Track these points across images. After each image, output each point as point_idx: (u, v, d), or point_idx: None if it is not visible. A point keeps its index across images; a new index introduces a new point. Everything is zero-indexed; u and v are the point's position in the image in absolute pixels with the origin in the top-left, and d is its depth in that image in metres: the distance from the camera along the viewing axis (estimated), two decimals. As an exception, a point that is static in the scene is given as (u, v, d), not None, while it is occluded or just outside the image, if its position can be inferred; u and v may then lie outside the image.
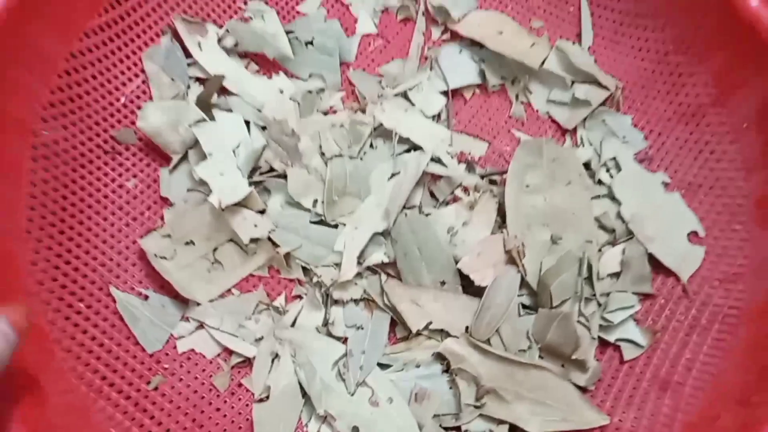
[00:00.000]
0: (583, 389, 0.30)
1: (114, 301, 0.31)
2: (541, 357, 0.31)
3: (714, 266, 0.32)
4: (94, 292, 0.31)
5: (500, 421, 0.30)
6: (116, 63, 0.35)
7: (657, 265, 0.33)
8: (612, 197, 0.35)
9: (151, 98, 0.36)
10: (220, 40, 0.38)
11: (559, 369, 0.31)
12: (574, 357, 0.30)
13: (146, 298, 0.31)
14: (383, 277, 0.32)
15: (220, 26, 0.38)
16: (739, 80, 0.33)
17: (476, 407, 0.30)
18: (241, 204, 0.32)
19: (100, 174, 0.34)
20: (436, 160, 0.35)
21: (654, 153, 0.37)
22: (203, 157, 0.33)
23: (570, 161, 0.35)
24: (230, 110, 0.35)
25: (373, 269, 0.33)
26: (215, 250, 0.33)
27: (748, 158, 0.33)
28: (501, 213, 0.34)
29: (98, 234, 0.32)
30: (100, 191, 0.33)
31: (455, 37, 0.40)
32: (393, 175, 0.34)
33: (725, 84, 0.34)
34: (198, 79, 0.37)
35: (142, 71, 0.36)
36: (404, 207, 0.33)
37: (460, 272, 0.32)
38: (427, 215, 0.34)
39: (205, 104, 0.34)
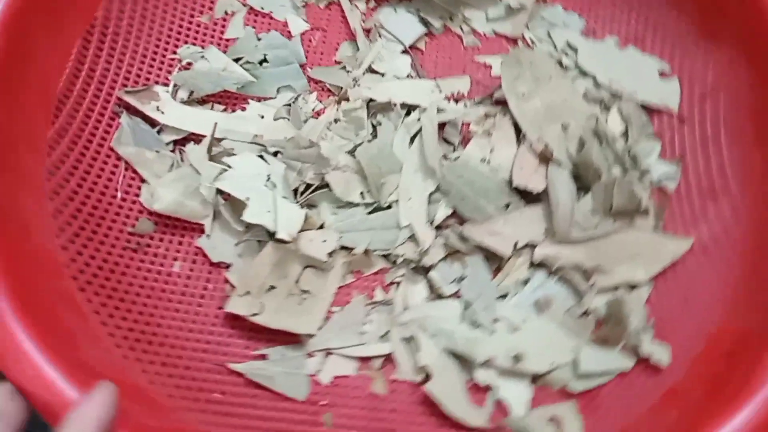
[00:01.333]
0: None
1: (240, 375, 0.29)
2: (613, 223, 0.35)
3: (691, 88, 0.38)
4: (216, 378, 0.29)
5: (615, 288, 0.33)
6: (92, 162, 0.33)
7: (648, 110, 0.38)
8: (583, 73, 0.39)
9: (143, 180, 0.34)
10: (174, 97, 0.36)
11: (631, 223, 0.35)
12: (642, 209, 0.34)
13: (264, 357, 0.30)
14: (456, 227, 0.34)
15: (166, 84, 0.37)
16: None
17: (591, 287, 0.33)
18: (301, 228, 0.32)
19: (144, 273, 0.32)
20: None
21: (593, 25, 0.41)
22: (241, 205, 0.32)
23: (542, 59, 0.38)
24: (232, 153, 0.34)
25: (442, 225, 0.34)
26: (297, 282, 0.32)
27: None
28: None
29: (181, 328, 0.31)
30: (154, 289, 0.31)
31: (381, 0, 0.42)
32: (412, 139, 0.35)
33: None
34: (175, 142, 0.35)
35: (119, 159, 0.34)
36: (436, 161, 0.35)
37: (515, 191, 0.34)
38: (456, 159, 0.36)
39: (213, 157, 0.33)
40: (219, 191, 0.33)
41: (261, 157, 0.34)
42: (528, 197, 0.35)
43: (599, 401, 0.30)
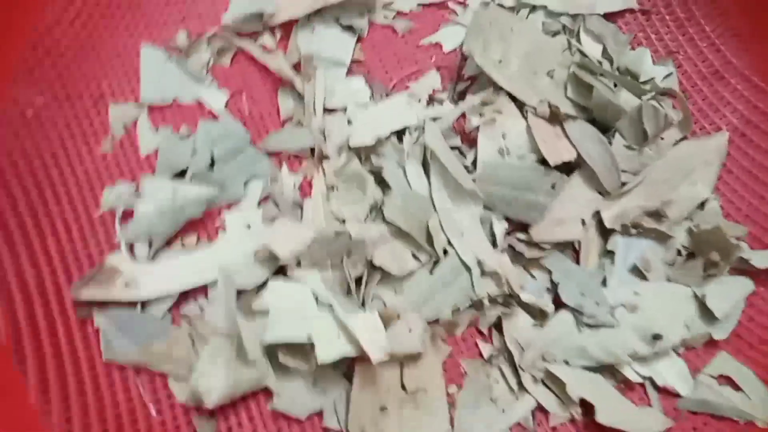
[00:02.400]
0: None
1: None
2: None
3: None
4: None
5: (689, 216, 0.31)
6: (97, 392, 0.25)
7: (612, 16, 0.35)
8: (533, 8, 0.36)
9: (165, 377, 0.27)
10: (134, 257, 0.29)
11: (661, 143, 0.33)
12: (669, 124, 0.32)
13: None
14: (517, 235, 0.30)
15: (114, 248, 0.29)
16: None
17: (669, 225, 0.31)
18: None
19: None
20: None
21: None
22: (304, 349, 0.26)
23: (496, 13, 0.33)
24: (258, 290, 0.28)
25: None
26: (402, 387, 0.28)
27: None
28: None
29: None
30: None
31: (284, 26, 0.34)
32: (425, 168, 0.31)
33: None
34: (185, 317, 0.28)
35: (123, 368, 0.27)
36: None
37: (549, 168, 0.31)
38: (474, 163, 0.31)
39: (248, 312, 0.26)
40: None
41: (283, 274, 0.28)
42: (564, 166, 0.32)
43: (745, 338, 0.29)
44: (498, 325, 0.29)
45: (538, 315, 0.30)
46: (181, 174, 0.30)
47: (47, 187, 0.28)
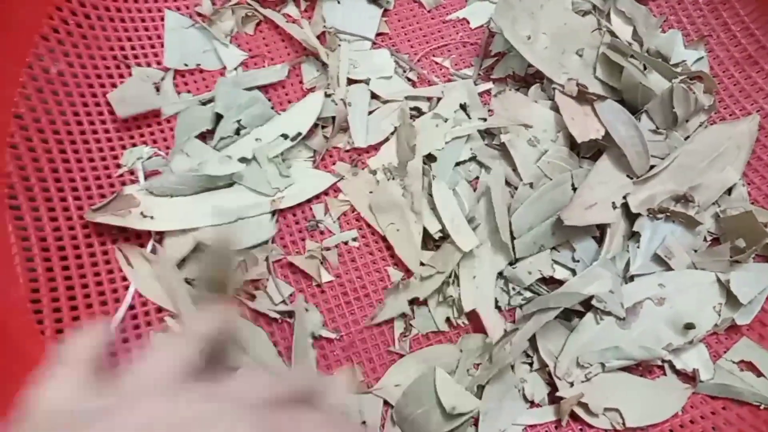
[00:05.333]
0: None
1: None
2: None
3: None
4: None
5: (716, 201, 0.30)
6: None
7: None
8: (566, -14, 0.35)
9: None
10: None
11: (688, 127, 0.32)
12: (707, 105, 0.31)
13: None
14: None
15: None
16: None
17: (697, 211, 0.30)
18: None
19: None
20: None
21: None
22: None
23: (527, -10, 0.33)
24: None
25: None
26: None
27: None
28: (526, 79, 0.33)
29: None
30: None
31: (313, -2, 0.34)
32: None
33: None
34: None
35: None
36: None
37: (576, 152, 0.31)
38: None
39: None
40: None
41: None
42: (590, 149, 0.31)
43: (769, 323, 0.28)
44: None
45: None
46: (201, 137, 0.30)
47: (68, 144, 0.28)
